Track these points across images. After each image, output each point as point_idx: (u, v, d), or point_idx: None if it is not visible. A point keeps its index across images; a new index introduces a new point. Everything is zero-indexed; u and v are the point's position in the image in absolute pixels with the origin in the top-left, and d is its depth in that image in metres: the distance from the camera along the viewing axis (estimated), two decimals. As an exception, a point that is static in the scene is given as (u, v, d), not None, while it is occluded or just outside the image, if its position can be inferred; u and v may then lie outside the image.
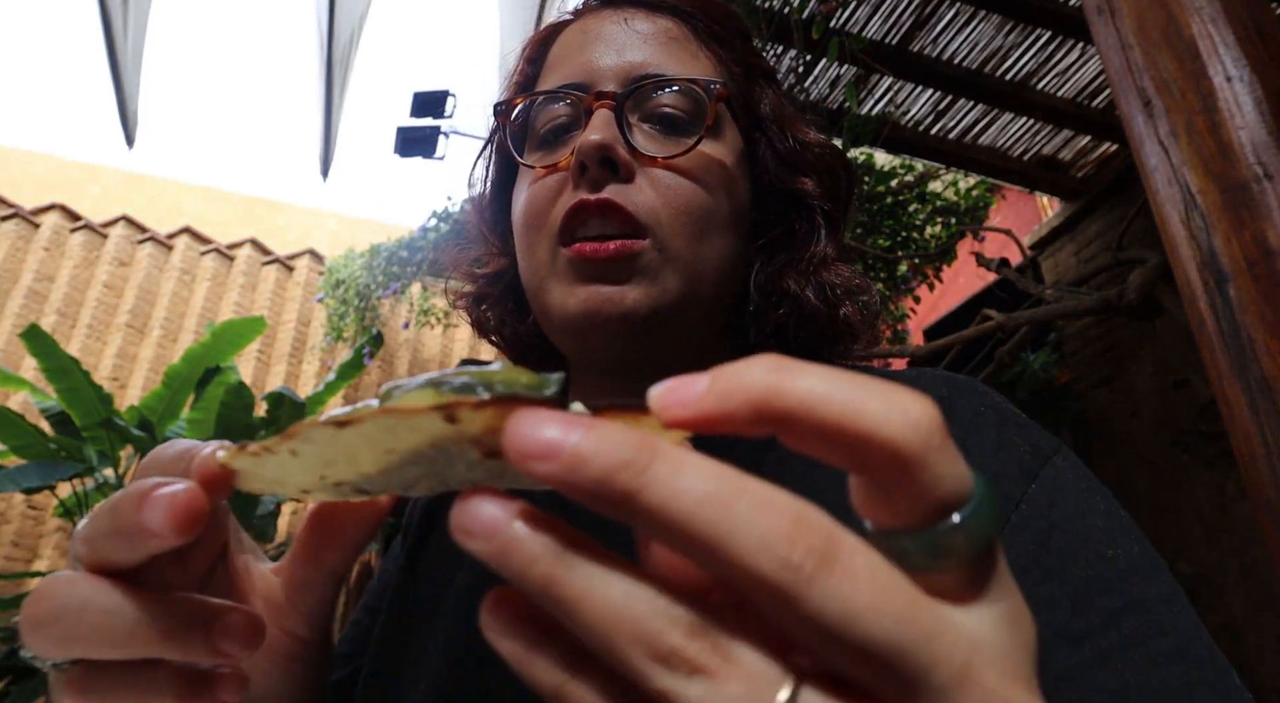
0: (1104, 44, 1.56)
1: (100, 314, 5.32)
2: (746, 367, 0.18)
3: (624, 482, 0.17)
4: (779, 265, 0.53)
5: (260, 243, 5.93)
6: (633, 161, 0.49)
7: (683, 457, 0.17)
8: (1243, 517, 2.96)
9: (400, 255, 5.35)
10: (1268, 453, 1.22)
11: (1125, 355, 3.54)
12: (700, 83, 0.51)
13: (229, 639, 0.26)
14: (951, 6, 2.84)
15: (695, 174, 0.50)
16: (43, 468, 3.34)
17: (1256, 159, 1.32)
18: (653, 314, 0.48)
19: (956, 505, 0.18)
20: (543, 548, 0.18)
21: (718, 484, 0.17)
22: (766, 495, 0.17)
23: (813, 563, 0.16)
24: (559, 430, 0.17)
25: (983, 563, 0.19)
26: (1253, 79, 1.35)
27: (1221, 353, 1.29)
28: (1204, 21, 1.42)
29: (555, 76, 0.55)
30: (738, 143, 0.54)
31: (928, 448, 0.17)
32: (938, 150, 3.44)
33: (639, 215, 0.48)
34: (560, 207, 0.50)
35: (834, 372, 0.18)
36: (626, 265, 0.48)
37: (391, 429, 0.20)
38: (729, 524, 0.16)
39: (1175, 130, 1.41)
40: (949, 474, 0.18)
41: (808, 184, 0.55)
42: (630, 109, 0.51)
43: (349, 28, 4.03)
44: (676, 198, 0.49)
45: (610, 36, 0.54)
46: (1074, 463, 0.44)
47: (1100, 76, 3.07)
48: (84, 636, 0.25)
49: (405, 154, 5.15)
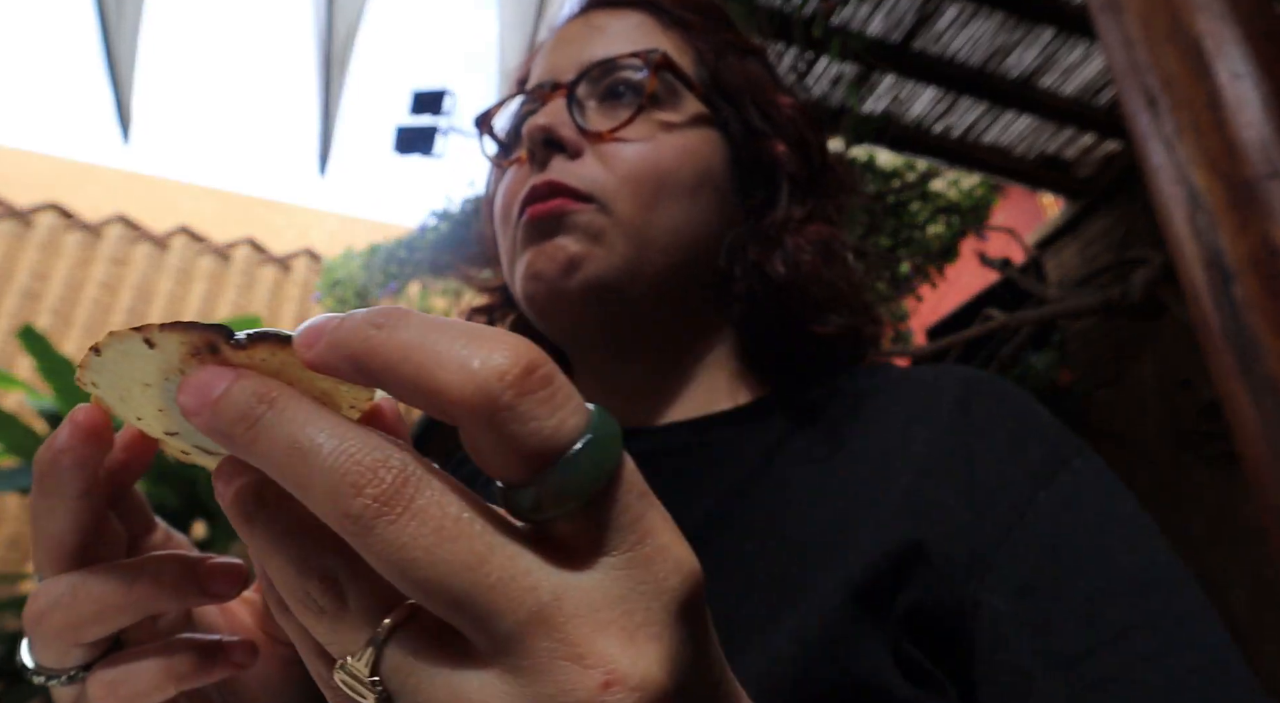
0: (1108, 41, 1.55)
1: (96, 314, 5.30)
2: (353, 319, 0.19)
3: (241, 434, 0.18)
4: (743, 234, 0.52)
5: (258, 242, 5.91)
6: (580, 140, 0.49)
7: (293, 407, 0.18)
8: (1246, 517, 2.95)
9: (399, 255, 5.34)
10: (1272, 453, 1.20)
11: (1129, 355, 3.52)
12: (640, 53, 0.51)
13: (216, 580, 0.27)
14: (954, 4, 2.82)
15: (644, 141, 0.49)
16: (38, 469, 3.34)
17: (1262, 157, 1.30)
18: (600, 277, 0.47)
19: (559, 453, 0.18)
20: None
21: (307, 435, 0.18)
22: (351, 446, 0.18)
23: (374, 511, 0.17)
24: (207, 381, 0.19)
25: (596, 509, 0.18)
26: (1259, 76, 1.33)
27: (1226, 353, 1.28)
28: (1210, 18, 1.40)
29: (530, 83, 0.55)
30: (697, 110, 0.53)
31: (503, 403, 0.17)
32: (940, 149, 3.42)
33: (581, 186, 0.48)
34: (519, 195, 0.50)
35: (434, 323, 0.18)
36: (566, 221, 0.47)
37: (124, 355, 0.21)
38: (306, 474, 0.17)
39: (1180, 128, 1.39)
40: (542, 425, 0.18)
41: (778, 147, 0.54)
42: (585, 95, 0.51)
43: (346, 25, 4.01)
44: (622, 165, 0.48)
45: (573, 36, 0.55)
46: (1095, 467, 0.41)
47: (1104, 74, 3.05)
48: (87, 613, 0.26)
49: (404, 152, 5.13)
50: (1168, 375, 3.32)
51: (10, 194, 5.44)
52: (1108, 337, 3.64)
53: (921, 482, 0.41)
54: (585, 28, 0.55)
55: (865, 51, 2.73)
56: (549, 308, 0.48)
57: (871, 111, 3.18)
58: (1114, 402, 3.59)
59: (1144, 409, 3.43)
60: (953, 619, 0.37)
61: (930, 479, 0.41)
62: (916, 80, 3.11)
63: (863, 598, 0.36)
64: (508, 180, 0.53)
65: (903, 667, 0.36)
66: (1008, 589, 0.36)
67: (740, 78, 0.55)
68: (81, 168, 5.97)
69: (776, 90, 0.56)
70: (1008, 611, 0.36)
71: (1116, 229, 3.43)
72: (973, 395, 0.45)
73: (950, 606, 0.37)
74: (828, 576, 0.37)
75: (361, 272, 5.51)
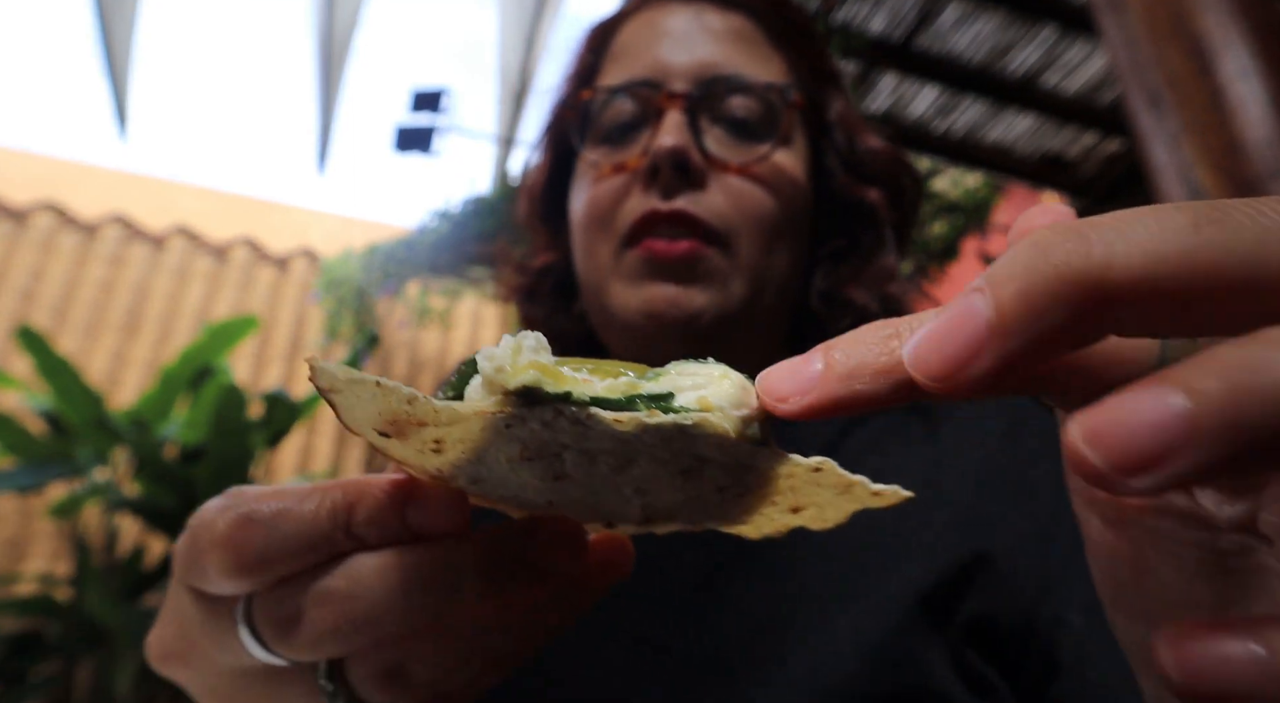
0: (1111, 39, 1.54)
1: (94, 314, 5.28)
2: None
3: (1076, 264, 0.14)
4: (844, 276, 0.53)
5: (255, 242, 5.89)
6: (705, 168, 0.48)
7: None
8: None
9: (397, 255, 5.32)
10: None
11: (1129, 355, 3.53)
12: (776, 88, 0.50)
13: (415, 510, 0.24)
14: (955, 3, 2.81)
15: (767, 182, 0.49)
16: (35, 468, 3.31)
17: (1265, 156, 1.29)
18: (718, 319, 0.47)
19: None
20: None
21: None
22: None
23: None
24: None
25: None
26: (1262, 75, 1.32)
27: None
28: (1212, 17, 1.39)
29: (621, 69, 0.53)
30: (806, 151, 0.53)
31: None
32: (942, 147, 3.41)
33: (712, 223, 0.47)
34: (629, 210, 0.49)
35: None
36: (697, 268, 0.47)
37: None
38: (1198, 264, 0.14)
39: (1183, 127, 1.38)
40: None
41: (873, 194, 0.54)
42: (702, 110, 0.49)
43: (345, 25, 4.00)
44: (749, 206, 0.48)
45: (680, 31, 0.52)
46: None
47: (1107, 73, 3.04)
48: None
49: (403, 151, 5.11)
50: (1170, 375, 3.32)
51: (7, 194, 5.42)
52: (1109, 336, 3.64)
53: (980, 498, 0.42)
54: (695, 24, 0.52)
55: (867, 50, 2.71)
56: (657, 340, 0.48)
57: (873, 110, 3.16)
58: (1115, 402, 3.59)
59: (1146, 409, 3.43)
60: (1021, 632, 0.37)
61: (989, 496, 0.42)
62: (918, 79, 3.10)
63: (929, 605, 0.37)
64: (604, 184, 0.50)
65: (963, 675, 0.36)
66: (1083, 606, 0.37)
67: (838, 116, 0.55)
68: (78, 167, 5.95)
69: (868, 131, 0.56)
70: (1085, 627, 0.36)
71: (1118, 228, 3.42)
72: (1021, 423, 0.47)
73: (1017, 618, 0.37)
74: (888, 583, 0.38)
75: (360, 272, 5.49)
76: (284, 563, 0.23)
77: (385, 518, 0.23)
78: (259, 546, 0.23)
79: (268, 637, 0.24)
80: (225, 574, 0.23)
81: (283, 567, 0.23)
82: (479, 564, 0.23)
